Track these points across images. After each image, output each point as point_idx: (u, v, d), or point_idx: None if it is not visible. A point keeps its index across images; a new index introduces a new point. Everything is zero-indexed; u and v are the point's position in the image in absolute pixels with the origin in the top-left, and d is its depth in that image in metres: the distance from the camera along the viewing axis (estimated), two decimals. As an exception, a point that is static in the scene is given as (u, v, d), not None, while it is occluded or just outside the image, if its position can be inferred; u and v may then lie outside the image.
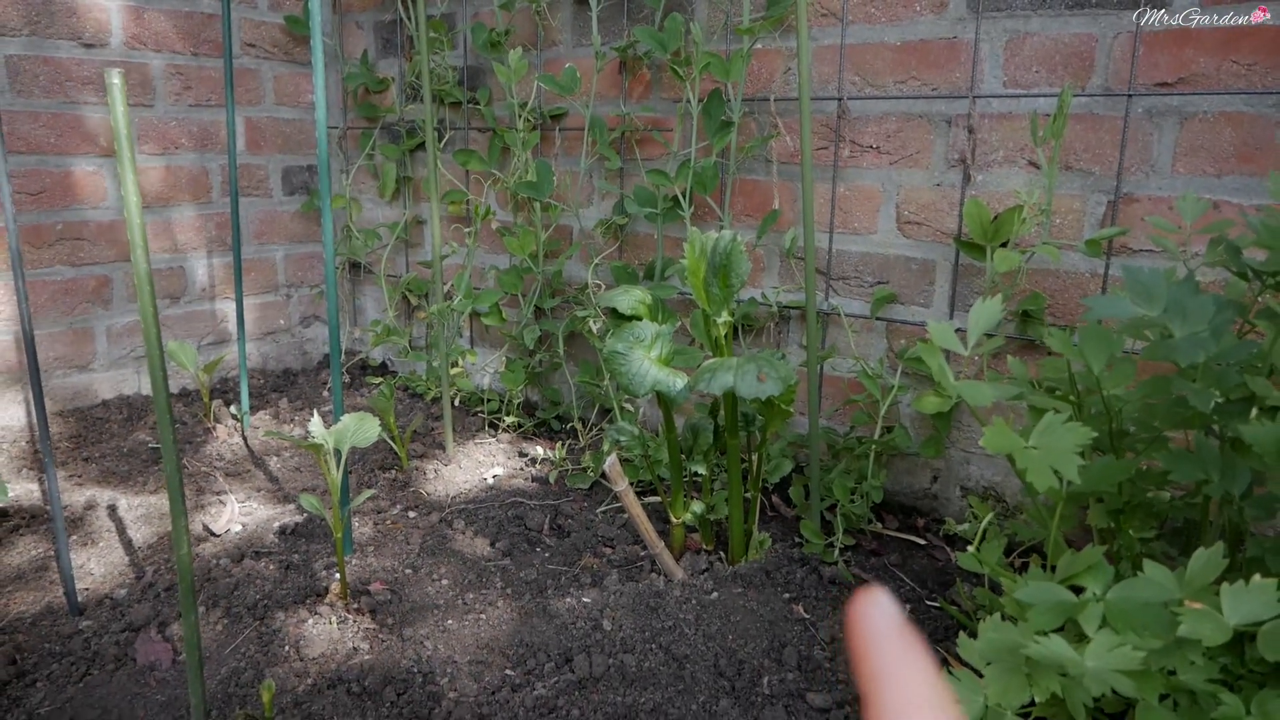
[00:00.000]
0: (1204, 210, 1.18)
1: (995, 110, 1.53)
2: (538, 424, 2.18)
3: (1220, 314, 0.86)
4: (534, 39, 2.10)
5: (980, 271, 1.58)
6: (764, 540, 1.51)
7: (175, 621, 1.35)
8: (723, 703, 1.16)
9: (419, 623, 1.35)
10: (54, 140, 2.05)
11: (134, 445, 2.01)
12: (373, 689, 1.20)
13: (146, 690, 1.22)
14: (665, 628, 1.30)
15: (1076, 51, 1.44)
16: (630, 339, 1.30)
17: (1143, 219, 1.42)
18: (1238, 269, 1.03)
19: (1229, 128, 1.35)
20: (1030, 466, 0.84)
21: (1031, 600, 0.83)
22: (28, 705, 1.19)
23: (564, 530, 1.66)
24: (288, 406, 2.27)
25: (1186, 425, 0.92)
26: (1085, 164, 1.46)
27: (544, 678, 1.22)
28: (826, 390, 1.80)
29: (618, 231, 2.04)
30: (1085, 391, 1.08)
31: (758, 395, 1.14)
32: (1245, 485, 0.87)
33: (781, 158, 1.77)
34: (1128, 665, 0.76)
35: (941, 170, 1.60)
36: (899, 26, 1.60)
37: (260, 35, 2.40)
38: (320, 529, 1.63)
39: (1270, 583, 0.79)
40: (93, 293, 2.16)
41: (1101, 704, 1.02)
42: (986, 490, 1.64)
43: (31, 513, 1.69)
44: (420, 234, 2.48)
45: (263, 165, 2.46)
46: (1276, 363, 0.90)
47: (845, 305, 1.75)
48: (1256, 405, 0.92)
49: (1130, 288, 0.86)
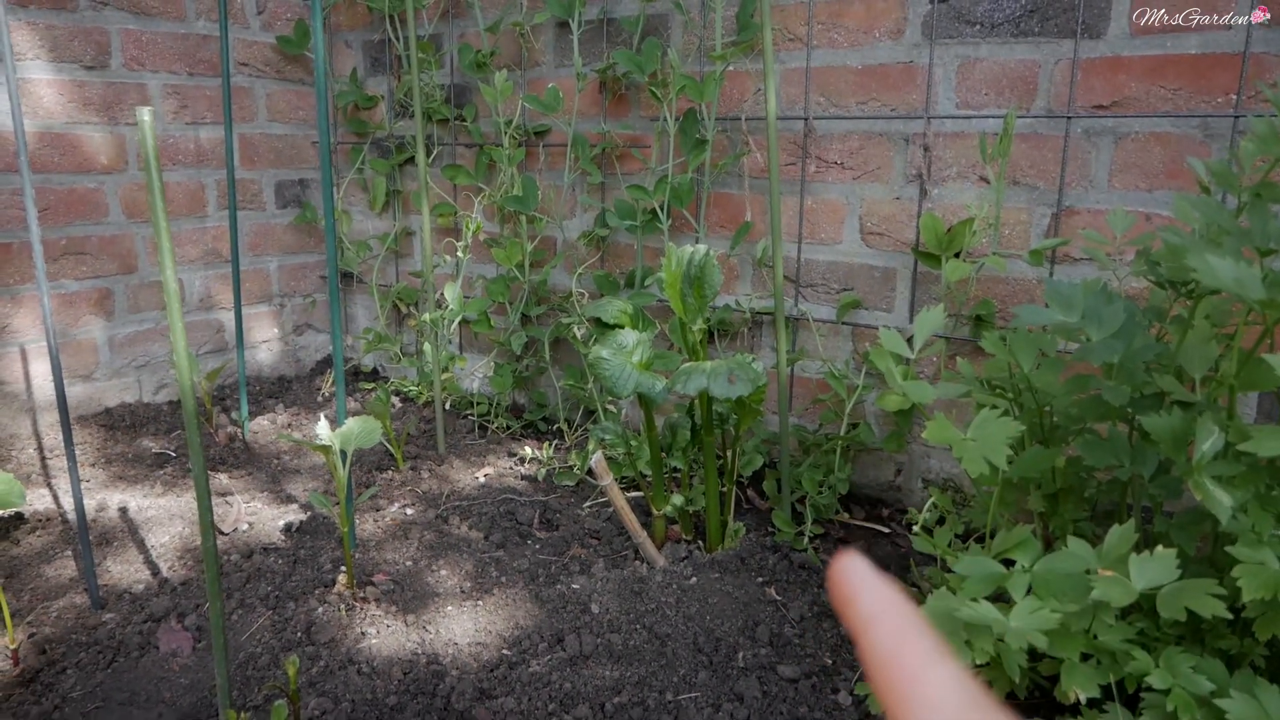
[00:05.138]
0: (1132, 224, 1.31)
1: (949, 129, 1.65)
2: (525, 426, 2.29)
3: (1130, 319, 0.98)
4: (518, 60, 2.21)
5: (937, 279, 1.70)
6: (739, 530, 1.62)
7: (193, 612, 1.45)
8: (701, 675, 1.28)
9: (421, 609, 1.46)
10: (57, 159, 2.14)
11: (139, 451, 2.10)
12: (381, 669, 1.31)
13: (170, 674, 1.32)
14: (648, 610, 1.42)
15: (1021, 76, 1.57)
16: (614, 345, 1.41)
17: (1081, 231, 1.55)
18: (1156, 279, 1.16)
19: (1158, 146, 1.48)
20: (966, 455, 0.96)
21: (967, 572, 0.95)
22: (60, 690, 1.28)
23: (553, 524, 1.77)
24: (284, 412, 2.37)
25: (1105, 418, 1.04)
26: (1031, 179, 1.59)
27: (538, 656, 1.33)
28: (796, 390, 1.92)
29: (600, 242, 2.15)
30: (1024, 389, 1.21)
31: (729, 395, 1.26)
32: (1153, 469, 0.99)
33: (753, 173, 1.89)
34: (1047, 625, 0.88)
35: (900, 185, 1.72)
36: (860, 51, 1.72)
37: (253, 55, 2.49)
38: (323, 526, 1.74)
39: (1170, 552, 0.91)
40: (96, 304, 2.25)
41: (1039, 668, 1.15)
42: (946, 482, 1.77)
43: (46, 516, 1.79)
44: (409, 245, 2.58)
45: (256, 179, 2.55)
46: (1183, 362, 1.03)
47: (813, 310, 1.87)
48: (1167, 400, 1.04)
49: (1051, 298, 0.98)
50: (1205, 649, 1.04)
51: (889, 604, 0.26)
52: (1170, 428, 0.91)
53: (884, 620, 0.26)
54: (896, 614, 0.26)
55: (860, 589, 0.27)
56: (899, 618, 0.26)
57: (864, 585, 0.27)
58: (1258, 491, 0.89)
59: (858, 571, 0.27)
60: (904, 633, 0.25)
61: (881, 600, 0.26)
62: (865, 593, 0.27)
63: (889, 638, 0.25)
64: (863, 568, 0.27)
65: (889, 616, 0.26)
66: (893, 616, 0.26)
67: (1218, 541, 1.04)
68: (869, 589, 0.27)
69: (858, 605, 0.27)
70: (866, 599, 0.26)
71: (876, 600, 0.26)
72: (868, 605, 0.26)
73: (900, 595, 0.27)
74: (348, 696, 1.25)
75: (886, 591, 0.27)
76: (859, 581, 0.27)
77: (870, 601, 0.26)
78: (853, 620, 0.26)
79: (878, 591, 0.27)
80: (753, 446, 1.83)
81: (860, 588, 0.27)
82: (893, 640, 0.25)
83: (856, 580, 0.27)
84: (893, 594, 0.27)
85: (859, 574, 0.27)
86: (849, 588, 0.27)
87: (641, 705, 1.23)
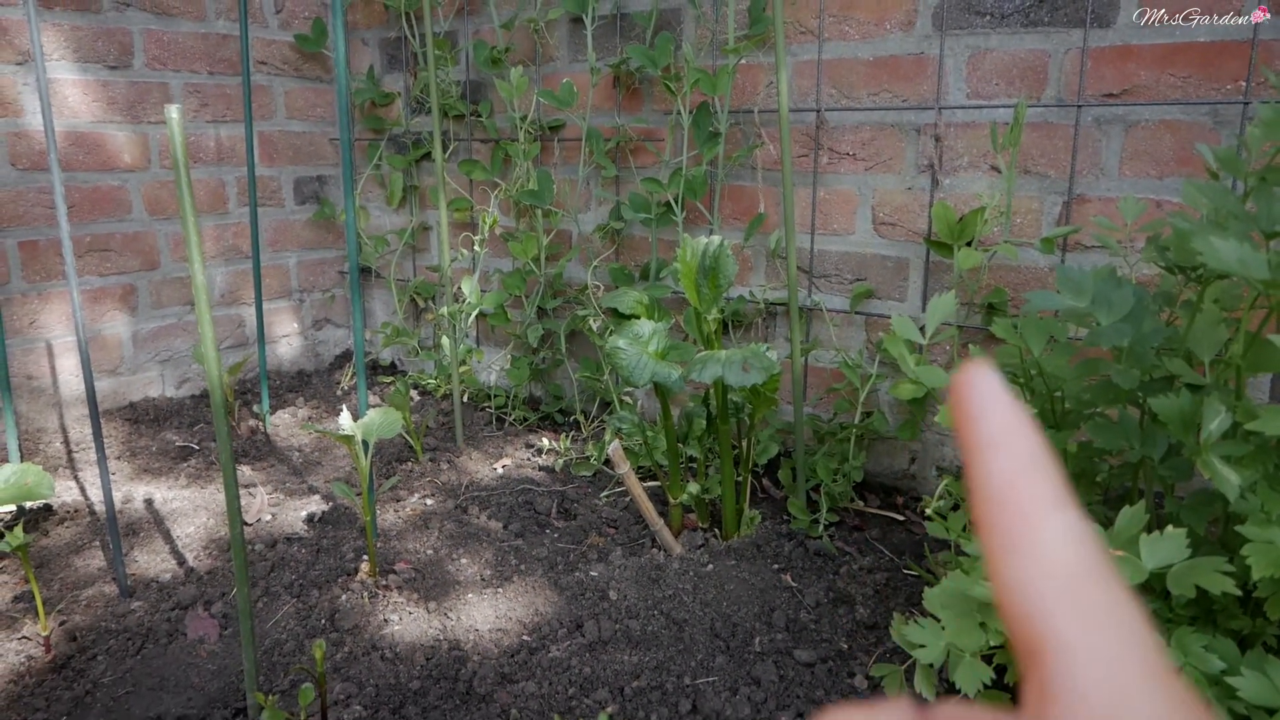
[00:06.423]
0: (1142, 211, 1.32)
1: (960, 120, 1.66)
2: (542, 417, 2.32)
3: (1140, 304, 1.00)
4: (532, 55, 2.23)
5: (949, 268, 1.72)
6: (754, 517, 1.64)
7: (219, 600, 1.48)
8: (718, 659, 1.30)
9: (442, 597, 1.48)
10: (82, 157, 2.18)
11: (163, 444, 2.14)
12: (404, 654, 1.33)
13: (198, 660, 1.35)
14: (666, 596, 1.44)
15: (1032, 66, 1.58)
16: (630, 335, 1.43)
17: (1092, 218, 1.56)
18: (1165, 264, 1.17)
19: (1168, 134, 1.49)
20: (977, 438, 0.98)
21: (981, 553, 0.96)
22: (92, 675, 1.32)
23: (571, 513, 1.80)
24: (305, 406, 2.41)
25: (1115, 401, 1.05)
26: (1042, 168, 1.60)
27: (558, 641, 1.36)
28: (810, 380, 1.94)
29: (614, 235, 2.17)
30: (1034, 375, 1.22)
31: (744, 383, 1.28)
32: (1163, 451, 1.00)
33: (766, 165, 1.90)
34: (1058, 604, 0.90)
35: (912, 175, 1.74)
36: (871, 43, 1.74)
37: (271, 53, 2.52)
38: (345, 516, 1.77)
39: (1180, 532, 0.92)
40: (120, 300, 2.29)
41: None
42: (960, 469, 1.78)
43: (74, 508, 1.82)
44: (426, 240, 2.61)
45: (275, 177, 2.59)
46: (1192, 345, 1.04)
47: (827, 301, 1.88)
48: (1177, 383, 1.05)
49: (1061, 283, 1.00)
50: (1217, 630, 1.05)
51: (1016, 431, 0.22)
52: (1179, 409, 0.92)
53: (1006, 449, 0.22)
54: (1022, 444, 0.22)
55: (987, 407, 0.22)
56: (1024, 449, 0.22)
57: (991, 403, 0.22)
58: (1266, 471, 0.90)
59: (987, 386, 0.23)
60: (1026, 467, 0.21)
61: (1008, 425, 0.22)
62: (991, 413, 0.22)
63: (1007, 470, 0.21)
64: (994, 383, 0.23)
65: (1013, 445, 0.22)
66: (1017, 446, 0.22)
67: (1228, 523, 1.06)
68: (997, 408, 0.22)
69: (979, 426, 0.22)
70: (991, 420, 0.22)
71: (1002, 424, 0.22)
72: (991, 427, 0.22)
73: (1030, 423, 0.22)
74: (372, 681, 1.28)
75: (1016, 416, 0.22)
76: (987, 398, 0.22)
77: (995, 424, 0.22)
78: (969, 441, 0.22)
79: (1006, 414, 0.22)
80: (768, 436, 1.85)
81: (987, 406, 0.22)
82: (1011, 474, 0.21)
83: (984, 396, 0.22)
84: (1023, 420, 0.22)
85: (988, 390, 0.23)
86: (974, 404, 0.22)
87: (660, 689, 1.25)
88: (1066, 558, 0.20)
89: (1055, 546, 0.20)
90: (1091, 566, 0.20)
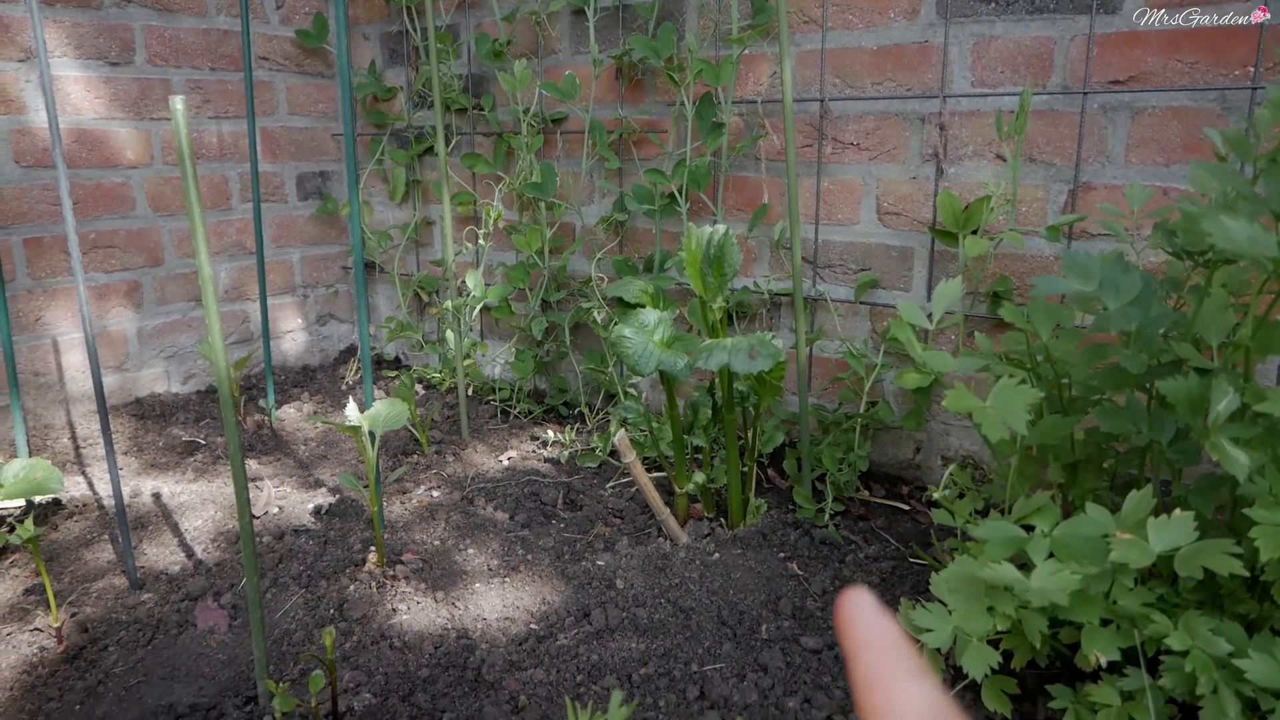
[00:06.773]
0: (1149, 198, 1.32)
1: (964, 108, 1.66)
2: (547, 410, 2.32)
3: (1147, 288, 1.00)
4: (534, 48, 2.23)
5: (954, 257, 1.72)
6: (760, 506, 1.65)
7: (228, 591, 1.49)
8: (725, 647, 1.30)
9: (450, 587, 1.49)
10: (85, 154, 2.18)
11: (169, 439, 2.14)
12: (413, 643, 1.34)
13: (208, 650, 1.35)
14: (672, 585, 1.44)
15: (1037, 53, 1.58)
16: (636, 324, 1.44)
17: (1099, 205, 1.56)
18: (1173, 250, 1.17)
19: (1175, 121, 1.49)
20: (985, 421, 0.98)
21: (988, 536, 0.97)
22: (103, 666, 1.32)
23: (576, 504, 1.80)
24: (310, 400, 2.41)
25: (1123, 386, 1.06)
26: (1047, 156, 1.60)
27: (565, 630, 1.36)
28: (815, 370, 1.94)
29: (618, 227, 2.18)
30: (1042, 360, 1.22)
31: (750, 370, 1.28)
32: (1170, 435, 1.00)
33: (769, 155, 1.90)
34: (1068, 586, 0.90)
35: (917, 164, 1.74)
36: (875, 32, 1.73)
37: (273, 49, 2.52)
38: (352, 508, 1.77)
39: (1188, 515, 0.93)
40: (125, 296, 2.29)
41: (1060, 636, 1.17)
42: (965, 459, 1.78)
43: (82, 502, 1.83)
44: (429, 234, 2.61)
45: (278, 172, 2.59)
46: (1200, 329, 1.04)
47: (831, 291, 1.88)
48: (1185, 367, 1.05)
49: (1068, 268, 1.00)
50: (1224, 613, 1.05)
51: (880, 631, 0.28)
52: (1187, 392, 0.92)
53: (873, 645, 0.28)
54: (885, 639, 0.28)
55: (857, 618, 0.29)
56: (887, 643, 0.28)
57: (861, 615, 0.29)
58: (1274, 453, 0.91)
59: (859, 603, 0.30)
60: (889, 655, 0.27)
61: (874, 628, 0.29)
62: (861, 622, 0.29)
63: (874, 660, 0.27)
64: (866, 600, 0.30)
65: (878, 641, 0.28)
66: (881, 642, 0.28)
67: (1235, 508, 1.06)
68: (865, 618, 0.29)
69: (853, 632, 0.29)
70: (861, 627, 0.29)
71: (870, 628, 0.29)
72: (861, 632, 0.29)
73: (894, 625, 0.29)
74: (381, 669, 1.28)
75: (881, 621, 0.29)
76: (858, 611, 0.29)
77: (864, 629, 0.29)
78: (847, 646, 0.29)
79: (873, 621, 0.29)
80: (773, 425, 1.85)
81: (858, 617, 0.29)
82: (877, 662, 0.27)
83: (856, 610, 0.29)
84: (887, 624, 0.29)
85: (860, 605, 0.30)
86: (849, 617, 0.29)
87: (667, 676, 1.25)
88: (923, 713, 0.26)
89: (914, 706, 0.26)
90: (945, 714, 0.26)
